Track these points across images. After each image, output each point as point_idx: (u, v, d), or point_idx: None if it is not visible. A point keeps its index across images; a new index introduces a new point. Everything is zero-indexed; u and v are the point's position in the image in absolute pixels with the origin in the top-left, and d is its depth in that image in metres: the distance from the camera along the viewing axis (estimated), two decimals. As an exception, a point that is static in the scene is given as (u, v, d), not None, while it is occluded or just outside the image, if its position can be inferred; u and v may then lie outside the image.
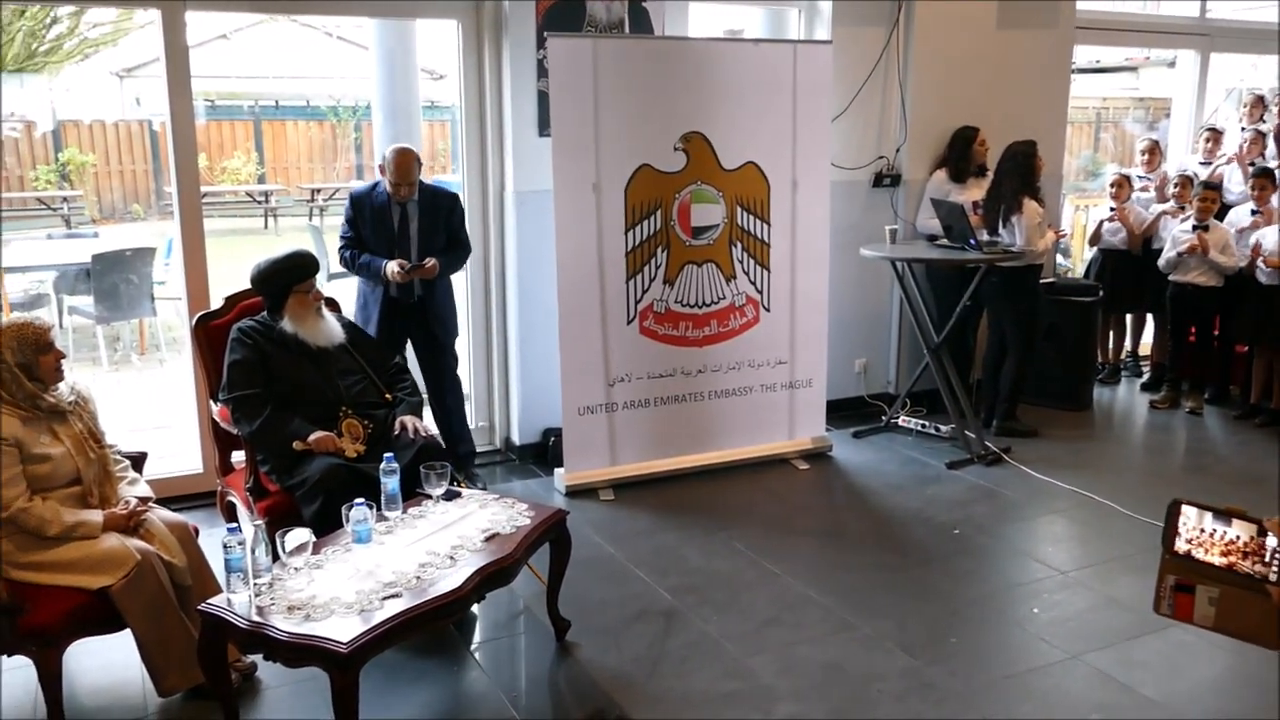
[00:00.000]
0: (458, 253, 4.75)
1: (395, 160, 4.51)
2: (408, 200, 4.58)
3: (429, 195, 4.65)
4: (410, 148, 4.61)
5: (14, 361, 3.03)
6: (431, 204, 4.64)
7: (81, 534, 3.05)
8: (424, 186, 4.63)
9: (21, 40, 15.65)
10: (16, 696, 3.26)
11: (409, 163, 4.52)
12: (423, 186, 4.63)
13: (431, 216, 4.63)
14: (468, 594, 2.98)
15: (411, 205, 4.60)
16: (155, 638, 3.07)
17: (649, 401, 5.07)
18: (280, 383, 3.73)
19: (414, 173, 4.54)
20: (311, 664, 2.71)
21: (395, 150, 4.54)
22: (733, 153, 5.04)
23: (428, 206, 4.63)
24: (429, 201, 4.64)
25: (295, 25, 17.46)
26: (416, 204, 4.61)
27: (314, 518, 3.43)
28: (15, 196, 14.85)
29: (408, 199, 4.58)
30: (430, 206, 4.63)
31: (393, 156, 4.52)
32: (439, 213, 4.65)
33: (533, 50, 5.01)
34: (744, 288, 5.20)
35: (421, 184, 4.62)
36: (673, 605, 3.87)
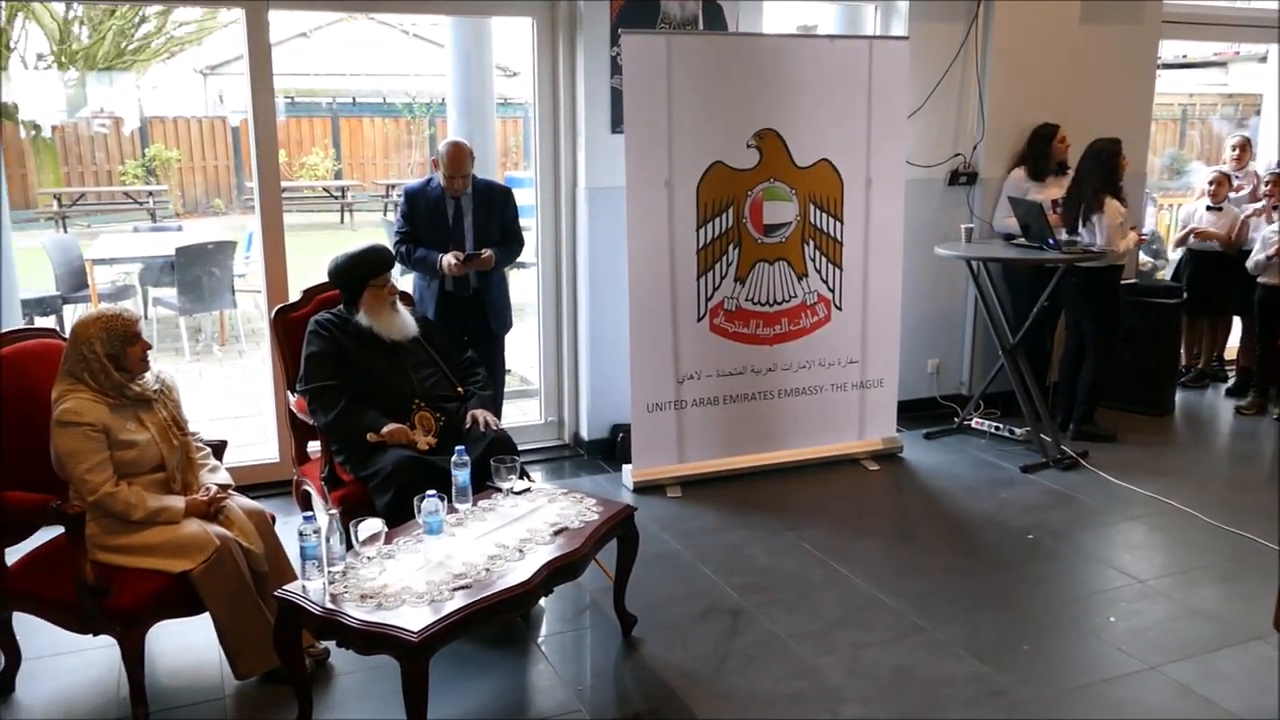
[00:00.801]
0: (511, 246, 4.75)
1: (448, 154, 4.55)
2: (461, 194, 4.61)
3: (483, 189, 4.68)
4: (463, 141, 4.64)
5: (103, 352, 3.12)
6: (485, 198, 4.67)
7: (165, 519, 3.13)
8: (477, 181, 4.67)
9: (111, 39, 16.14)
10: (101, 675, 3.37)
11: (462, 156, 4.55)
12: (476, 181, 4.66)
13: (486, 210, 4.66)
14: (536, 587, 3.00)
15: (465, 199, 4.63)
16: (233, 622, 3.15)
17: (718, 399, 5.06)
18: (355, 375, 3.79)
19: (467, 166, 4.56)
20: (383, 652, 2.76)
21: (448, 144, 4.59)
22: (806, 150, 5.00)
23: (482, 200, 4.66)
24: (483, 195, 4.66)
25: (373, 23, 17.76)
26: (470, 198, 4.64)
27: (386, 508, 3.48)
28: (104, 191, 15.34)
29: (461, 192, 4.61)
30: (484, 200, 4.66)
31: (445, 150, 4.56)
32: (493, 206, 4.67)
33: (606, 47, 5.03)
34: (815, 286, 5.16)
35: (475, 178, 4.65)
36: (739, 604, 3.86)
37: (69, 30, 16.04)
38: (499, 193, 4.70)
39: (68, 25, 16.01)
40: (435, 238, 4.61)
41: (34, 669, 3.35)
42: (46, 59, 16.19)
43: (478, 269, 4.56)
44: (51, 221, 13.84)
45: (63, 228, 13.43)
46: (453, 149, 4.53)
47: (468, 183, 4.58)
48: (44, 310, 7.44)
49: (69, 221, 13.97)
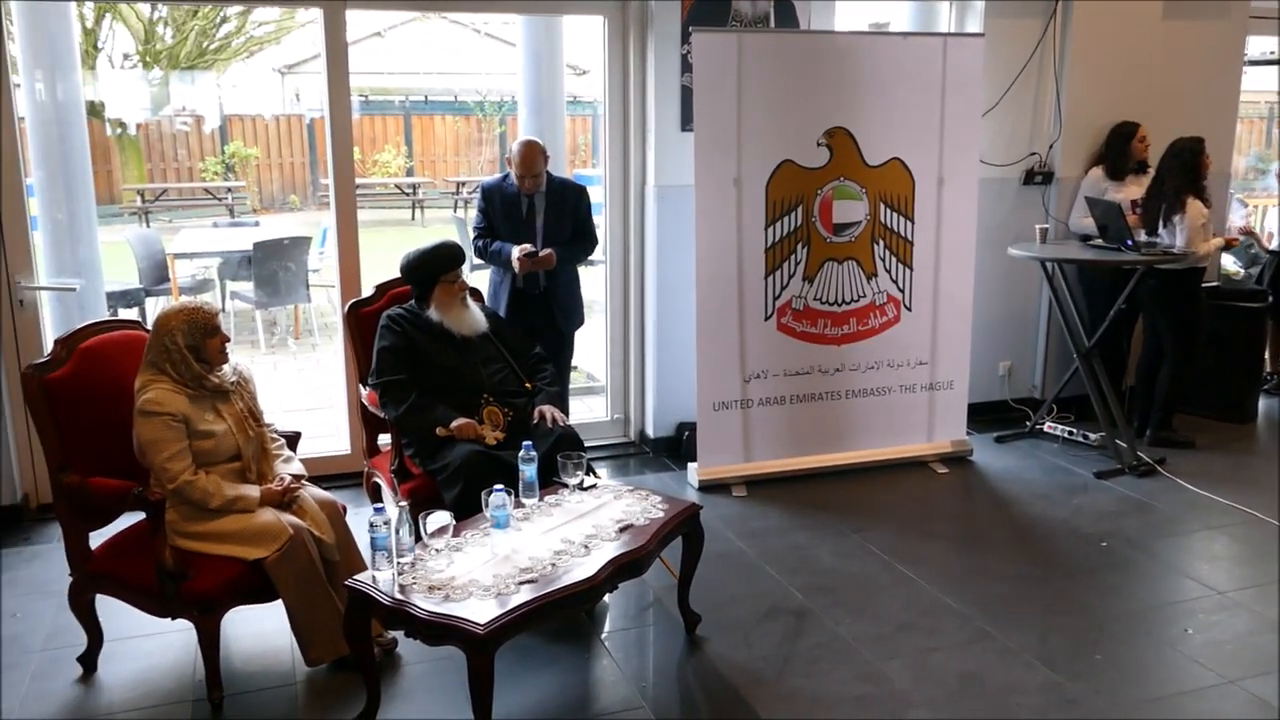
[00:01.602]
0: (582, 244, 4.75)
1: (520, 153, 4.58)
2: (535, 192, 4.64)
3: (557, 187, 4.69)
4: (536, 140, 4.66)
5: (184, 344, 3.21)
6: (559, 196, 4.68)
7: (240, 507, 3.21)
8: (552, 179, 4.69)
9: (194, 39, 16.56)
10: (178, 657, 3.47)
11: (533, 155, 4.57)
12: (551, 179, 4.68)
13: (558, 209, 4.67)
14: (601, 583, 3.02)
15: (539, 197, 4.66)
16: (304, 609, 3.21)
17: (785, 399, 5.03)
18: (426, 369, 3.85)
19: (538, 165, 4.59)
20: (449, 643, 2.79)
21: (521, 143, 4.62)
22: (877, 148, 4.95)
23: (555, 198, 4.67)
24: (556, 194, 4.68)
25: (446, 23, 17.97)
26: (544, 196, 4.66)
27: (454, 502, 3.53)
28: (185, 187, 15.75)
29: (534, 190, 4.64)
30: (557, 199, 4.68)
31: (518, 149, 4.59)
32: (565, 205, 4.68)
33: (677, 45, 5.03)
34: (885, 286, 5.11)
35: (550, 176, 4.67)
36: (804, 605, 3.84)
37: (153, 30, 16.49)
38: (572, 191, 4.72)
39: (152, 26, 16.47)
40: (509, 234, 4.66)
41: (115, 650, 3.46)
42: (132, 59, 16.67)
43: (539, 268, 4.59)
44: (135, 216, 14.27)
45: (145, 222, 13.83)
46: (525, 148, 4.56)
47: (540, 181, 4.61)
48: (127, 302, 7.66)
49: (151, 216, 14.38)
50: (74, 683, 3.33)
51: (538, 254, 4.52)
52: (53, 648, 3.52)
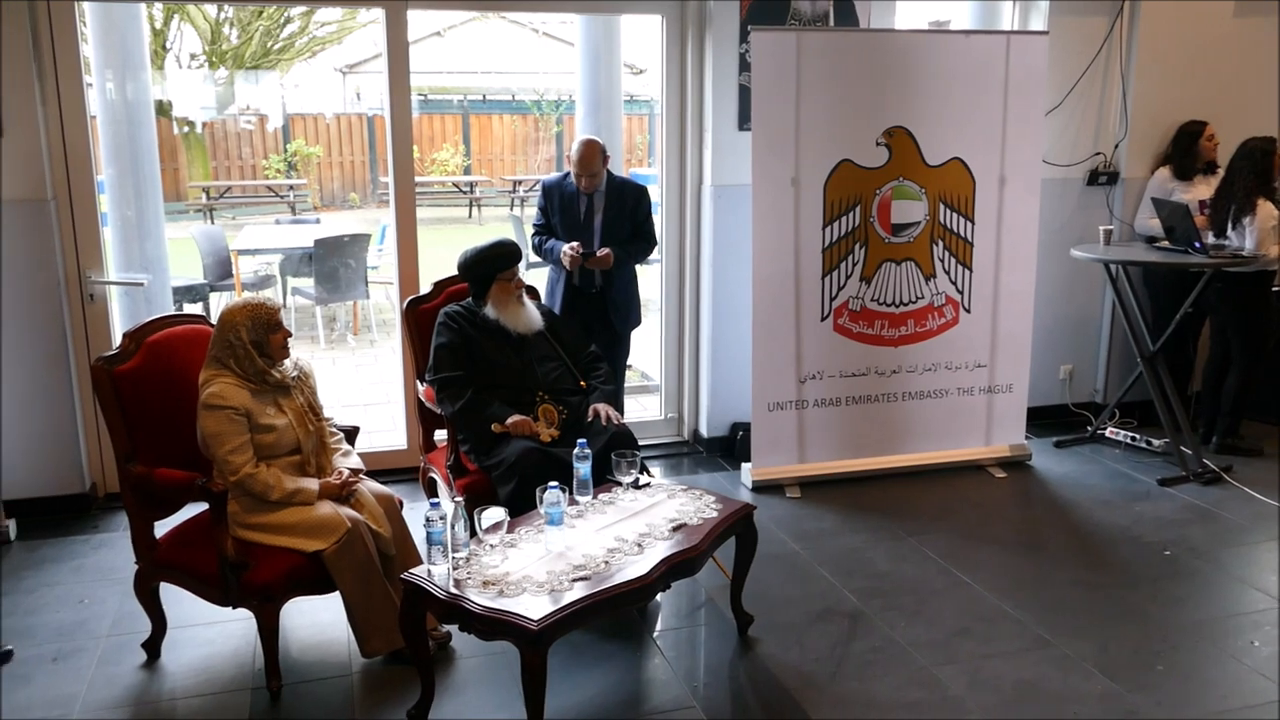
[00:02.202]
0: (639, 244, 4.74)
1: (579, 152, 4.59)
2: (594, 191, 4.65)
3: (616, 187, 4.70)
4: (595, 140, 4.67)
5: (248, 339, 3.27)
6: (618, 196, 4.68)
7: (300, 500, 3.26)
8: (613, 178, 4.69)
9: (258, 39, 16.86)
10: (238, 646, 3.53)
11: (591, 154, 4.58)
12: (611, 178, 4.68)
13: (617, 208, 4.67)
14: (653, 582, 3.02)
15: (598, 196, 4.66)
16: (361, 601, 3.26)
17: (840, 400, 4.99)
18: (482, 366, 3.88)
19: (596, 164, 4.59)
20: (503, 638, 2.81)
21: (579, 142, 4.63)
22: (937, 148, 4.89)
23: (614, 198, 4.68)
24: (615, 193, 4.68)
25: (504, 22, 18.11)
26: (603, 195, 4.67)
27: (509, 498, 3.55)
28: (248, 184, 16.05)
29: (592, 190, 4.65)
30: (616, 198, 4.68)
31: (576, 148, 4.61)
32: (624, 205, 4.68)
33: (735, 44, 5.01)
34: (944, 287, 5.05)
35: (611, 176, 4.68)
36: (858, 608, 3.81)
37: (220, 31, 16.83)
38: (631, 191, 4.72)
39: (219, 26, 16.80)
40: (566, 232, 4.68)
41: (178, 637, 3.53)
42: (199, 59, 17.03)
43: (595, 267, 4.60)
44: (200, 213, 14.57)
45: (210, 219, 14.11)
46: (583, 148, 4.57)
47: (599, 180, 4.62)
48: (192, 297, 7.83)
49: (216, 213, 14.67)
50: (138, 668, 3.41)
51: (593, 253, 4.53)
52: (118, 633, 3.61)
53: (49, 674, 3.37)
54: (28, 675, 3.36)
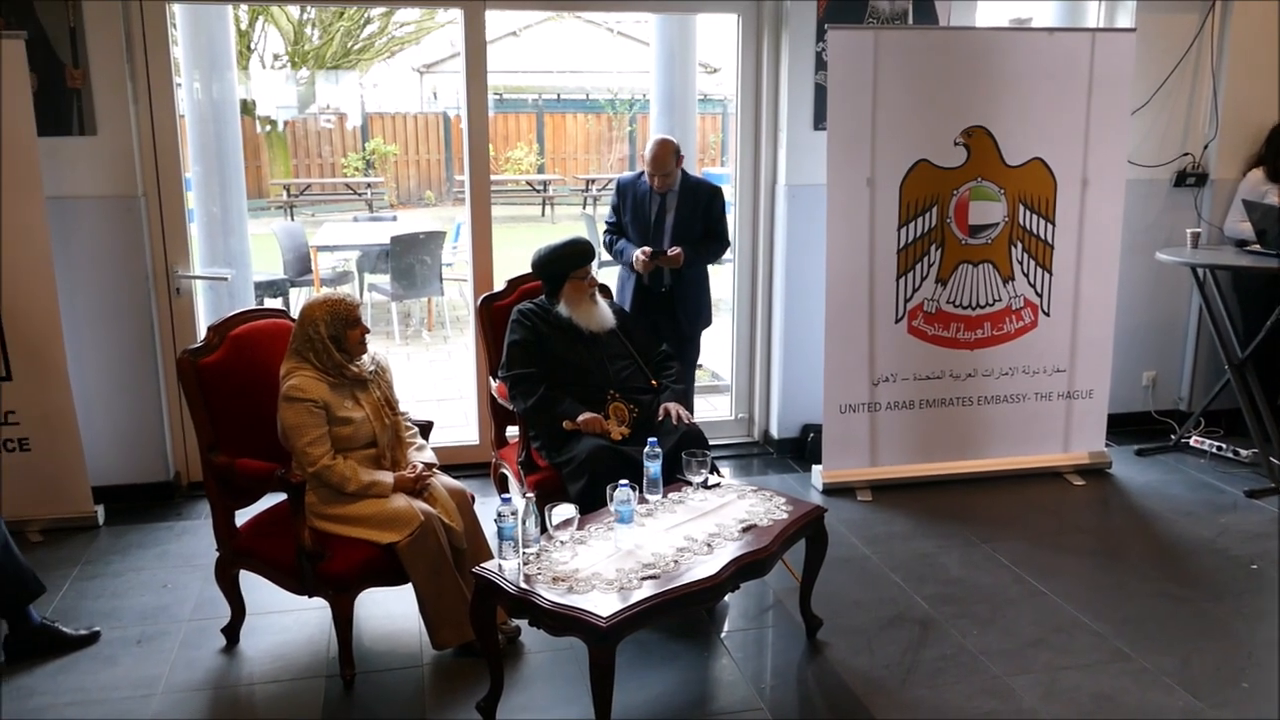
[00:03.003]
0: (711, 245, 4.70)
1: (653, 151, 4.58)
2: (667, 191, 4.64)
3: (689, 187, 4.68)
4: (669, 139, 4.66)
5: (326, 333, 3.33)
6: (691, 196, 4.66)
7: (375, 493, 3.32)
8: (687, 178, 4.68)
9: (339, 40, 17.19)
10: (313, 634, 3.61)
11: (664, 154, 4.56)
12: (686, 178, 4.67)
13: (689, 208, 4.66)
14: (723, 582, 3.01)
15: (671, 196, 4.65)
16: (433, 594, 3.30)
17: (914, 403, 4.93)
18: (554, 364, 3.91)
19: (669, 163, 4.58)
20: (572, 634, 2.83)
21: (653, 142, 4.63)
22: (1018, 148, 4.80)
23: (687, 198, 4.66)
24: (688, 193, 4.66)
25: (580, 22, 18.20)
26: (676, 195, 4.66)
27: (579, 495, 3.57)
28: (327, 182, 16.37)
29: (665, 190, 4.64)
30: (689, 198, 4.66)
31: (650, 147, 4.60)
32: (696, 205, 4.66)
33: (812, 43, 4.98)
34: (1022, 290, 4.95)
35: (685, 175, 4.67)
36: (929, 614, 3.75)
37: (302, 32, 17.20)
38: (704, 191, 4.70)
39: (301, 27, 17.17)
40: (636, 231, 4.69)
41: (256, 624, 3.62)
42: (282, 59, 17.42)
43: (665, 266, 4.59)
44: (281, 210, 14.90)
45: (290, 216, 14.43)
46: (657, 147, 4.57)
47: (672, 180, 4.61)
48: (273, 292, 8.01)
49: (296, 210, 14.99)
50: (218, 652, 3.51)
51: (663, 251, 4.53)
52: (199, 618, 3.71)
53: (134, 655, 3.47)
54: (114, 656, 3.47)
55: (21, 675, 3.34)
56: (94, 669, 3.39)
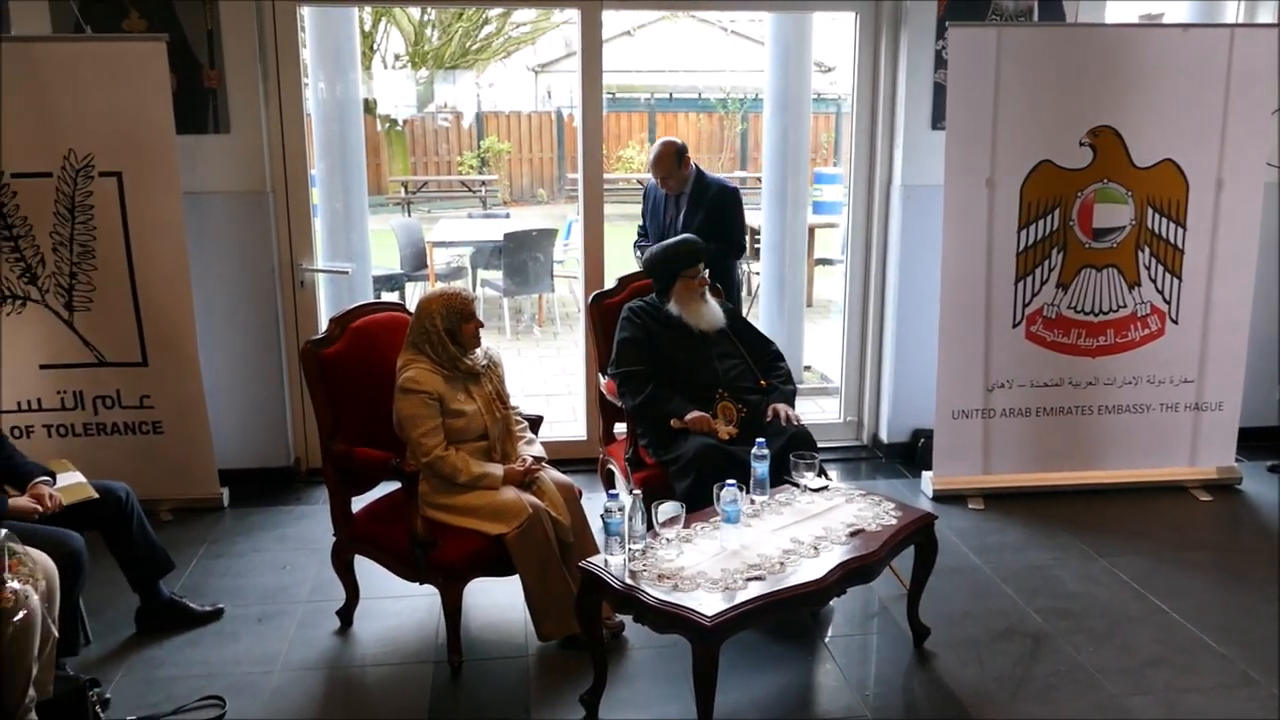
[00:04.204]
0: (719, 247, 4.56)
1: (653, 153, 4.65)
2: (680, 194, 4.64)
3: (700, 190, 4.65)
4: (671, 141, 4.67)
5: (442, 327, 3.41)
6: (699, 199, 4.65)
7: (485, 484, 3.38)
8: (701, 181, 4.66)
9: (458, 40, 17.55)
10: (423, 621, 3.70)
11: (660, 157, 4.60)
12: (703, 180, 4.65)
13: (696, 212, 4.64)
14: (829, 586, 2.98)
15: (683, 199, 4.66)
16: (539, 586, 3.35)
17: (1030, 410, 4.79)
18: (663, 362, 3.92)
19: (667, 166, 4.58)
20: (676, 632, 2.84)
21: (655, 145, 4.67)
22: (1147, 149, 4.62)
23: (696, 201, 4.65)
24: (698, 196, 4.65)
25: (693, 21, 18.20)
26: (688, 197, 4.66)
27: (685, 493, 3.57)
28: (443, 180, 16.74)
29: (676, 192, 4.65)
30: (697, 201, 4.65)
31: (652, 150, 4.65)
32: (701, 207, 4.63)
33: (932, 41, 4.88)
34: (1149, 296, 4.76)
35: (701, 178, 4.65)
36: (1042, 628, 3.65)
37: (422, 33, 17.61)
38: (713, 193, 4.66)
39: (421, 28, 17.58)
40: (655, 234, 4.77)
41: (369, 608, 3.73)
42: (402, 59, 17.87)
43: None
44: (398, 207, 15.28)
45: (408, 212, 14.79)
46: (656, 150, 4.63)
47: (678, 183, 4.61)
48: (390, 286, 8.23)
49: (413, 207, 15.36)
50: (332, 634, 3.62)
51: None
52: (315, 600, 3.84)
53: (254, 633, 3.62)
54: (236, 633, 3.62)
55: (152, 647, 3.51)
56: (218, 644, 3.54)
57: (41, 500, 3.21)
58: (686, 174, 4.67)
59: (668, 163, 4.61)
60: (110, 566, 3.52)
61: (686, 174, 4.67)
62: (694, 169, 4.71)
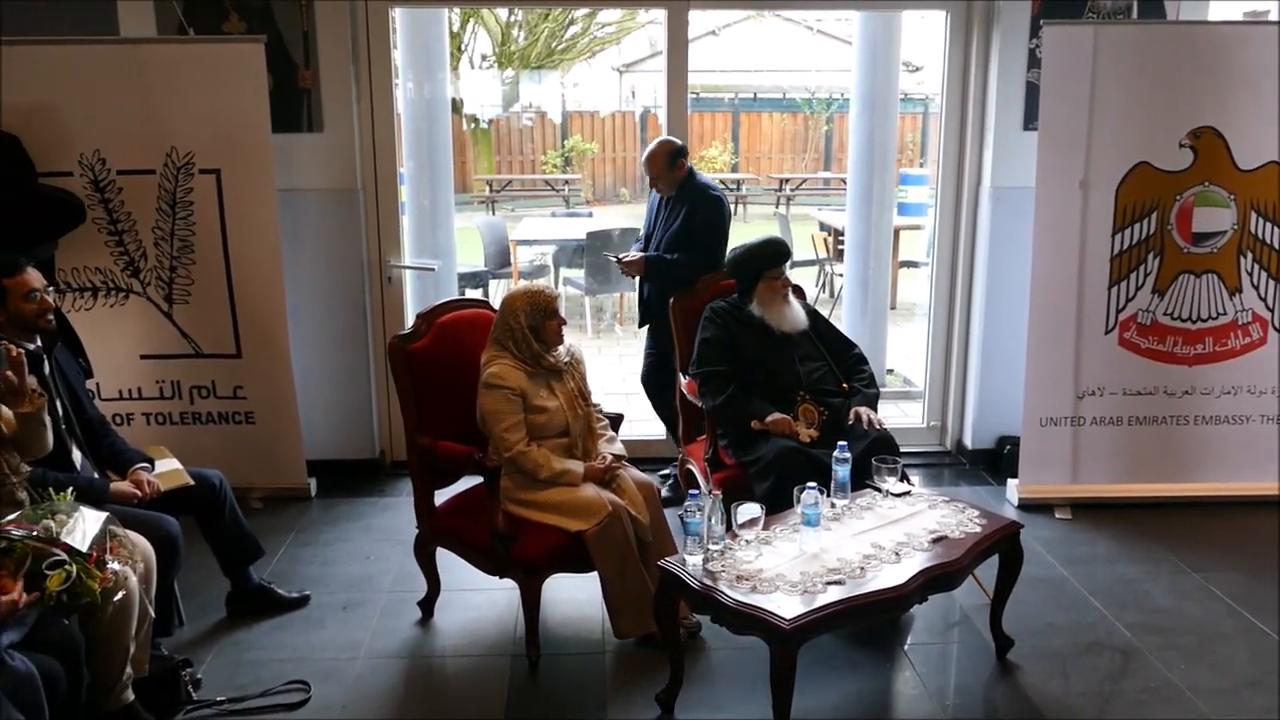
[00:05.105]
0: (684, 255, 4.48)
1: (645, 154, 4.60)
2: (670, 196, 4.61)
3: (682, 193, 4.58)
4: (666, 140, 4.61)
5: (526, 324, 3.45)
6: (678, 202, 4.58)
7: (566, 481, 3.41)
8: (689, 184, 4.57)
9: (544, 41, 17.72)
10: (502, 614, 3.74)
11: (651, 156, 4.56)
12: (688, 184, 4.57)
13: (673, 215, 4.59)
14: (910, 593, 2.94)
15: (670, 201, 4.62)
16: (618, 583, 3.37)
17: (1121, 419, 4.66)
18: (744, 362, 3.91)
19: (657, 166, 4.53)
20: (753, 633, 2.82)
21: (652, 142, 4.63)
22: (1252, 151, 4.46)
23: (675, 205, 4.60)
24: (678, 200, 4.59)
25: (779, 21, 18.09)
26: (671, 201, 4.63)
27: (765, 495, 3.55)
28: (527, 179, 16.91)
29: (666, 195, 4.62)
30: (676, 205, 4.59)
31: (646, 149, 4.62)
32: (679, 212, 4.57)
33: (1025, 40, 4.78)
34: (1250, 303, 4.60)
35: (691, 181, 4.57)
36: (1131, 643, 3.54)
37: (509, 33, 17.82)
38: (687, 198, 4.56)
39: (508, 29, 17.79)
40: (645, 236, 4.78)
41: (450, 600, 3.79)
42: (489, 60, 18.10)
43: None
44: (483, 205, 15.48)
45: (492, 211, 14.98)
46: (650, 148, 4.60)
47: (672, 186, 4.57)
48: (474, 284, 8.34)
49: (497, 205, 15.55)
50: (414, 624, 3.69)
51: (621, 259, 4.64)
52: (398, 590, 3.91)
53: (339, 620, 3.70)
54: (322, 619, 3.71)
55: (240, 631, 3.61)
56: (304, 630, 3.63)
57: (141, 486, 3.33)
58: (678, 177, 4.57)
59: (658, 163, 4.55)
60: (203, 551, 3.63)
61: (678, 177, 4.57)
62: (688, 172, 4.61)
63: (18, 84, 4.18)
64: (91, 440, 3.41)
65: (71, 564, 2.55)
